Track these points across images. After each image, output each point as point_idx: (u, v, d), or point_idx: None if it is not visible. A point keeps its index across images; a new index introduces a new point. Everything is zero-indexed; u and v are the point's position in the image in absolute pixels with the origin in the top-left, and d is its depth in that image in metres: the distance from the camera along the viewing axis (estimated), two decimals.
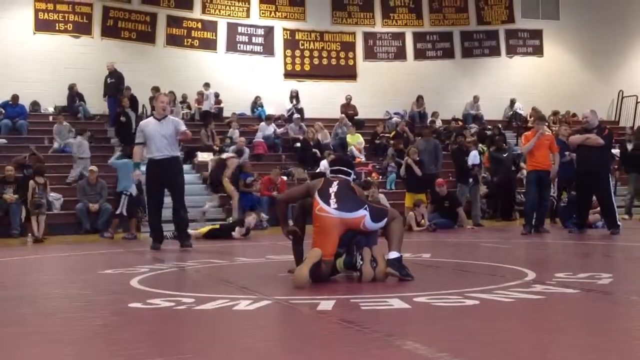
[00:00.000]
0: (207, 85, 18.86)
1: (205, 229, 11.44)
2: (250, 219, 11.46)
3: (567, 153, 11.86)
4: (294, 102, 19.79)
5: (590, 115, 10.07)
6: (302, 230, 5.19)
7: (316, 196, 4.84)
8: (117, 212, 11.95)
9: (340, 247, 4.80)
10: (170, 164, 8.51)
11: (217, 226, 11.71)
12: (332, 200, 4.77)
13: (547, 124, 14.41)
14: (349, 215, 4.74)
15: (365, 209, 4.78)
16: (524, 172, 10.48)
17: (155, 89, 16.63)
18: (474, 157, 14.39)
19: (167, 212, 9.14)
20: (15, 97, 17.02)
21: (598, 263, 6.35)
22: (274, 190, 14.30)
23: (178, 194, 8.73)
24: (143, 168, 8.99)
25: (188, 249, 8.46)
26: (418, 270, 5.36)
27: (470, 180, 13.84)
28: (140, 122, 9.22)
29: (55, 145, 15.87)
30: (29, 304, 4.21)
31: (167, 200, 8.94)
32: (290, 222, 5.47)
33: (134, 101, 16.99)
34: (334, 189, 4.85)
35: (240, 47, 20.45)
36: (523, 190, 12.70)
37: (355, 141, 18.18)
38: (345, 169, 5.13)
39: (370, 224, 4.78)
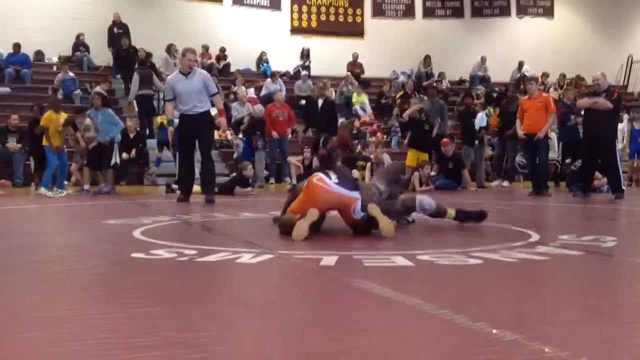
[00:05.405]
0: (205, 47, 18.63)
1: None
2: (248, 170, 11.43)
3: (572, 116, 11.77)
4: (305, 59, 19.55)
5: (601, 78, 9.94)
6: None
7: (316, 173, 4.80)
8: (112, 163, 11.28)
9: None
10: (201, 118, 8.61)
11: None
12: (333, 176, 4.73)
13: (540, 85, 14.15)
14: (347, 193, 4.70)
15: (360, 193, 4.75)
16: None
17: (171, 47, 16.79)
18: (481, 119, 14.30)
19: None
20: (17, 46, 16.87)
21: (602, 226, 6.32)
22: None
23: (204, 147, 8.86)
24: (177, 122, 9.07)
25: (210, 204, 8.44)
26: (421, 230, 5.34)
27: (476, 142, 13.77)
28: (168, 78, 9.25)
29: (59, 95, 15.75)
30: (29, 252, 4.20)
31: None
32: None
33: (134, 52, 16.81)
34: (332, 174, 4.79)
35: (246, 0, 20.18)
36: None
37: (360, 101, 18.02)
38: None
39: (358, 212, 4.73)
